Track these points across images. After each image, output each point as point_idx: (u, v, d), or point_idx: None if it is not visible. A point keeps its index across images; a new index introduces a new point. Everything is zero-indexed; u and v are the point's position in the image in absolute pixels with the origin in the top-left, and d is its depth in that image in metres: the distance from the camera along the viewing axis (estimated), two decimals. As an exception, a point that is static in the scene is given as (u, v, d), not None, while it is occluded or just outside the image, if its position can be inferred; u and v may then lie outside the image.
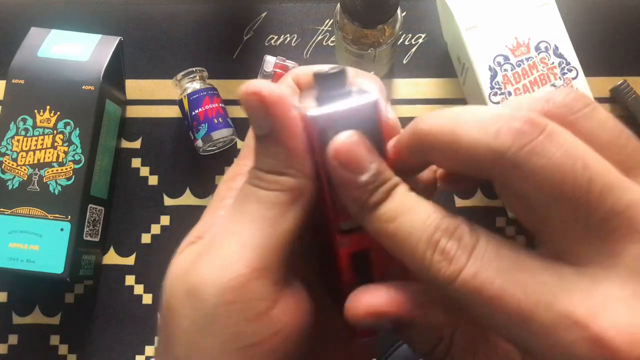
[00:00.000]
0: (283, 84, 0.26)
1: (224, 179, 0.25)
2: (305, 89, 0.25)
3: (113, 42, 0.54)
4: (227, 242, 0.22)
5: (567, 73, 0.48)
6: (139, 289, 0.54)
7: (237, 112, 0.56)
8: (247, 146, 0.25)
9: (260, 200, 0.22)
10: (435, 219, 0.20)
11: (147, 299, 0.54)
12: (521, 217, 0.19)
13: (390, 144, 0.24)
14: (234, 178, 0.25)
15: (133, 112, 0.58)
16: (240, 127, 0.56)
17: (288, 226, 0.22)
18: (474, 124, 0.19)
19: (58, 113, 0.51)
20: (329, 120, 0.22)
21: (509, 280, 0.18)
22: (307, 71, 0.26)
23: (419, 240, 0.20)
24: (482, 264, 0.19)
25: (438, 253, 0.19)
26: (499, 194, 0.20)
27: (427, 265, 0.19)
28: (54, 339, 0.53)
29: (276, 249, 0.22)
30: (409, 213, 0.21)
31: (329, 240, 0.24)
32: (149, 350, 0.53)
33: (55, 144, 0.50)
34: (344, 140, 0.21)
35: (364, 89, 0.23)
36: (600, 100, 0.54)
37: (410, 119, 0.62)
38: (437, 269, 0.19)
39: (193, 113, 0.53)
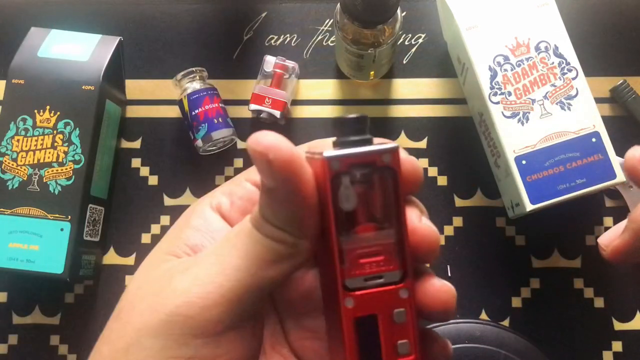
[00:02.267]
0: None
1: (204, 202, 0.26)
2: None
3: (113, 42, 0.54)
4: (209, 265, 0.22)
5: (567, 73, 0.48)
6: (139, 289, 0.54)
7: (237, 112, 0.56)
8: (241, 176, 0.27)
9: (257, 242, 0.22)
10: None
11: (147, 299, 0.54)
12: None
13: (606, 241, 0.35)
14: (208, 208, 0.26)
15: (133, 112, 0.58)
16: (240, 127, 0.56)
17: (272, 275, 0.22)
18: None
19: (58, 113, 0.51)
20: (344, 163, 0.21)
21: None
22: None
23: None
24: None
25: None
26: None
27: None
28: (54, 339, 0.53)
29: (253, 289, 0.22)
30: None
31: (333, 299, 0.22)
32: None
33: (55, 144, 0.50)
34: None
35: (386, 140, 0.22)
36: (600, 100, 0.54)
37: (411, 119, 0.61)
38: None
39: (193, 113, 0.53)
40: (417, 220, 0.23)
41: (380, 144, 0.22)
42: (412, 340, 0.22)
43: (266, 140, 0.20)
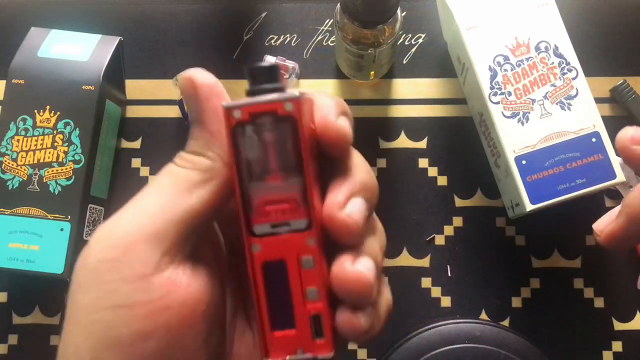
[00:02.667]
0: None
1: None
2: None
3: (113, 42, 0.54)
4: (129, 208, 0.23)
5: (567, 73, 0.48)
6: (139, 289, 0.54)
7: (237, 112, 0.56)
8: None
9: (171, 175, 0.23)
10: None
11: (147, 299, 0.54)
12: None
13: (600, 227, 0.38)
14: None
15: (133, 112, 0.58)
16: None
17: (192, 204, 0.22)
18: None
19: (58, 113, 0.51)
20: (245, 112, 0.21)
21: None
22: None
23: None
24: None
25: None
26: None
27: None
28: (54, 339, 0.53)
29: (173, 221, 0.22)
30: None
31: (243, 250, 0.22)
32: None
33: (55, 144, 0.50)
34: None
35: (303, 91, 0.23)
36: (600, 100, 0.54)
37: (411, 119, 0.61)
38: None
39: (193, 113, 0.53)
40: (337, 208, 0.22)
41: (295, 91, 0.22)
42: (320, 288, 0.22)
43: (195, 70, 0.23)
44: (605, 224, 0.39)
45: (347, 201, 0.22)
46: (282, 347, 0.22)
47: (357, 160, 0.24)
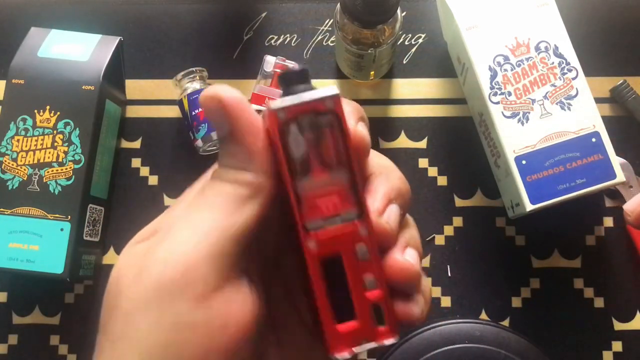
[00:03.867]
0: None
1: (188, 190, 0.26)
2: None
3: (113, 42, 0.54)
4: (182, 227, 0.23)
5: (567, 73, 0.48)
6: (139, 289, 0.54)
7: (237, 112, 0.56)
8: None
9: (219, 193, 0.23)
10: None
11: (147, 299, 0.54)
12: None
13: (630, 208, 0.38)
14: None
15: (133, 112, 0.58)
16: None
17: (244, 220, 0.22)
18: None
19: (58, 113, 0.51)
20: (290, 112, 0.22)
21: None
22: None
23: None
24: None
25: None
26: None
27: None
28: (54, 339, 0.53)
29: (228, 239, 0.22)
30: None
31: (300, 247, 0.23)
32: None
33: (55, 144, 0.50)
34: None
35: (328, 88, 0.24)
36: (600, 100, 0.54)
37: (411, 119, 0.61)
38: None
39: (193, 113, 0.53)
40: (376, 214, 0.23)
41: (324, 90, 0.23)
42: (377, 275, 0.23)
43: (217, 88, 0.23)
44: (635, 205, 0.40)
45: (381, 211, 0.24)
46: (346, 340, 0.23)
47: (388, 165, 0.26)
